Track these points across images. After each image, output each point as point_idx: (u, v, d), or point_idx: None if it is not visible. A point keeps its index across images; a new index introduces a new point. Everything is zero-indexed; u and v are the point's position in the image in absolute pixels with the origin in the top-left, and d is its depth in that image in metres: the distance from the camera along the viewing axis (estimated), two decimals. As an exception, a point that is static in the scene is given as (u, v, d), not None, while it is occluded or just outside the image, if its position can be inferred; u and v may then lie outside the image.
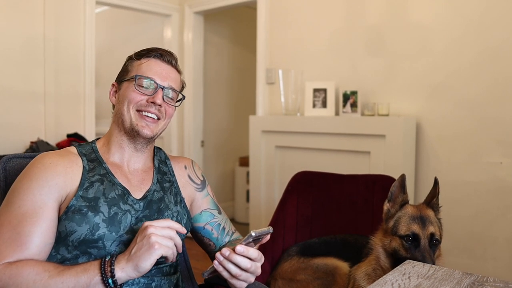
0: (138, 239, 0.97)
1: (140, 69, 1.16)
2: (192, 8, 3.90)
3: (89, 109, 3.34)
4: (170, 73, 1.18)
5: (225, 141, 4.66)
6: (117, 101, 1.19)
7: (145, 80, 1.14)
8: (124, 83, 1.18)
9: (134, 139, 1.16)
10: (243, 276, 0.99)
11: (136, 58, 1.19)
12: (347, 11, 2.83)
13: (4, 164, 1.18)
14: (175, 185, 1.24)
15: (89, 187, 1.07)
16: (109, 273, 0.93)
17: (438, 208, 1.46)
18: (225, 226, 1.29)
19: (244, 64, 4.71)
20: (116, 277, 0.94)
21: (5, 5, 2.91)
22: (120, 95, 1.18)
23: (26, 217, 0.99)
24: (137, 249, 0.95)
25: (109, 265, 0.94)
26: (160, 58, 1.18)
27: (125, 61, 1.22)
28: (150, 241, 0.94)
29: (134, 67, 1.18)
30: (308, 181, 2.04)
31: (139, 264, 0.94)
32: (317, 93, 2.82)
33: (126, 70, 1.19)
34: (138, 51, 1.21)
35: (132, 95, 1.14)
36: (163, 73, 1.16)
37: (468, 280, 0.96)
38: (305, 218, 2.00)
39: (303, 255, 1.82)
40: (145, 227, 0.97)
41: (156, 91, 1.14)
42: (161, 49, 1.20)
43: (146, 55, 1.18)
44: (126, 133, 1.16)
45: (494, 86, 2.26)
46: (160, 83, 1.15)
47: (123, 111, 1.15)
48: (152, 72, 1.15)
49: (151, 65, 1.16)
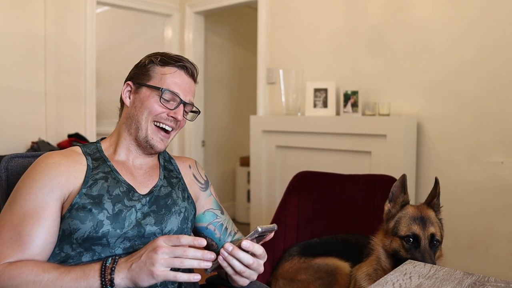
0: (143, 256, 0.92)
1: (165, 80, 1.14)
2: (192, 8, 3.90)
3: (90, 109, 3.35)
4: (191, 87, 1.18)
5: (226, 141, 4.66)
6: (133, 105, 1.16)
7: (170, 95, 1.14)
8: (145, 88, 1.15)
9: (146, 149, 1.17)
10: (246, 273, 0.99)
11: (159, 64, 1.16)
12: (348, 11, 2.83)
13: (6, 164, 1.18)
14: (182, 182, 1.24)
15: (93, 185, 1.07)
16: (108, 282, 0.92)
17: (439, 208, 1.46)
18: (228, 227, 1.29)
19: (245, 64, 4.71)
20: (116, 284, 0.92)
21: (6, 5, 2.91)
22: (138, 100, 1.15)
23: (27, 217, 0.99)
24: (138, 266, 0.91)
25: (109, 273, 0.92)
26: (184, 70, 1.17)
27: (145, 62, 1.18)
28: (153, 267, 0.89)
29: (157, 74, 1.15)
30: (309, 181, 2.04)
31: (137, 282, 0.92)
32: (318, 93, 2.82)
33: (147, 74, 1.16)
34: (162, 56, 1.17)
35: (155, 107, 1.13)
36: (186, 88, 1.16)
37: (469, 280, 0.96)
38: (306, 218, 2.00)
39: (304, 255, 1.82)
40: (156, 247, 0.91)
41: (178, 106, 1.14)
42: (185, 59, 1.19)
43: (172, 64, 1.16)
44: (137, 140, 1.15)
45: (495, 85, 2.26)
46: (183, 98, 1.15)
47: (140, 119, 1.14)
48: (177, 86, 1.15)
49: (175, 77, 1.15)
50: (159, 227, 1.10)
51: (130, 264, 0.93)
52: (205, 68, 4.16)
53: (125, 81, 1.20)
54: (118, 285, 0.92)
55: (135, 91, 1.17)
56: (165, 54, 1.19)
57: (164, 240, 0.92)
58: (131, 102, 1.17)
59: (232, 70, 4.73)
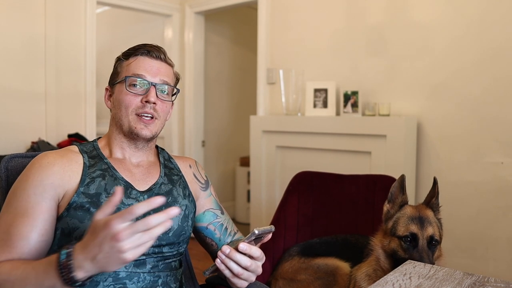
0: (105, 246, 0.78)
1: (129, 69, 1.14)
2: (192, 8, 3.90)
3: (90, 109, 3.35)
4: (160, 68, 1.16)
5: (226, 141, 4.66)
6: (113, 105, 1.17)
7: (135, 79, 1.12)
8: (116, 85, 1.16)
9: (135, 140, 1.16)
10: (244, 275, 0.99)
11: (124, 59, 1.17)
12: (348, 11, 2.83)
13: (6, 164, 1.18)
14: (183, 179, 1.24)
15: (90, 183, 1.07)
16: (69, 280, 0.82)
17: (437, 208, 1.46)
18: (228, 227, 1.29)
19: (245, 64, 4.71)
20: (79, 279, 0.82)
21: (6, 5, 2.92)
22: (114, 99, 1.17)
23: (18, 217, 1.00)
24: (104, 257, 0.79)
25: (67, 271, 0.81)
26: (147, 54, 1.15)
27: (115, 63, 1.20)
28: (123, 255, 0.77)
29: (123, 67, 1.16)
30: (309, 181, 2.04)
31: (106, 270, 0.81)
32: (318, 93, 2.82)
33: (116, 72, 1.18)
34: (125, 50, 1.18)
35: (126, 99, 1.12)
36: (153, 69, 1.14)
37: (469, 280, 0.96)
38: (306, 218, 2.00)
39: (304, 255, 1.82)
40: (114, 234, 0.77)
41: (149, 89, 1.13)
42: (148, 44, 1.17)
43: (134, 53, 1.16)
44: (125, 135, 1.16)
45: (495, 85, 2.26)
46: (151, 80, 1.13)
47: (121, 116, 1.14)
48: (141, 70, 1.13)
49: (139, 63, 1.14)
50: None
51: (91, 256, 0.80)
52: (205, 68, 4.16)
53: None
54: (82, 279, 0.83)
55: (112, 92, 1.19)
56: (130, 48, 1.18)
57: (117, 221, 0.77)
58: (111, 104, 1.19)
59: (232, 70, 4.73)
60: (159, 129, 1.18)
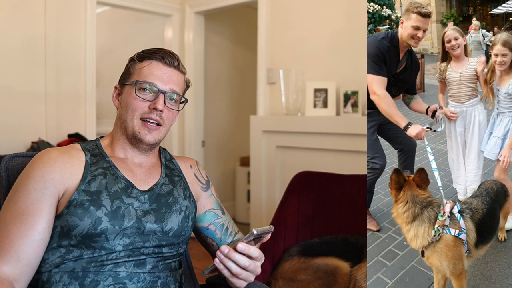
0: None
1: (141, 73, 1.13)
2: (192, 8, 3.90)
3: (90, 109, 3.35)
4: (172, 76, 1.15)
5: (226, 141, 4.66)
6: (120, 106, 1.17)
7: (145, 85, 1.12)
8: (126, 87, 1.16)
9: (137, 145, 1.16)
10: (243, 275, 0.99)
11: (138, 60, 1.16)
12: (348, 11, 2.83)
13: (6, 163, 1.19)
14: (184, 180, 1.24)
15: (91, 181, 1.07)
16: None
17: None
18: (228, 227, 1.29)
19: (245, 64, 4.71)
20: None
21: (6, 5, 2.92)
22: (122, 100, 1.16)
23: (18, 214, 1.01)
24: None
25: None
26: (161, 60, 1.15)
27: (127, 63, 1.19)
28: None
29: (135, 70, 1.15)
30: (309, 181, 2.04)
31: None
32: (318, 93, 2.82)
33: (128, 73, 1.17)
34: (140, 52, 1.18)
35: (134, 103, 1.12)
36: (164, 77, 1.14)
37: None
38: (306, 218, 2.00)
39: (304, 255, 1.82)
40: None
41: (157, 96, 1.12)
42: (163, 50, 1.17)
43: (148, 57, 1.15)
44: (128, 138, 1.15)
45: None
46: (161, 87, 1.13)
47: (126, 118, 1.13)
48: (154, 76, 1.13)
49: (152, 68, 1.13)
50: (160, 225, 1.10)
51: None
52: (205, 68, 4.16)
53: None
54: None
55: (121, 91, 1.18)
56: (145, 50, 1.18)
57: None
58: (119, 104, 1.18)
59: (232, 70, 4.73)
60: (163, 136, 1.17)
